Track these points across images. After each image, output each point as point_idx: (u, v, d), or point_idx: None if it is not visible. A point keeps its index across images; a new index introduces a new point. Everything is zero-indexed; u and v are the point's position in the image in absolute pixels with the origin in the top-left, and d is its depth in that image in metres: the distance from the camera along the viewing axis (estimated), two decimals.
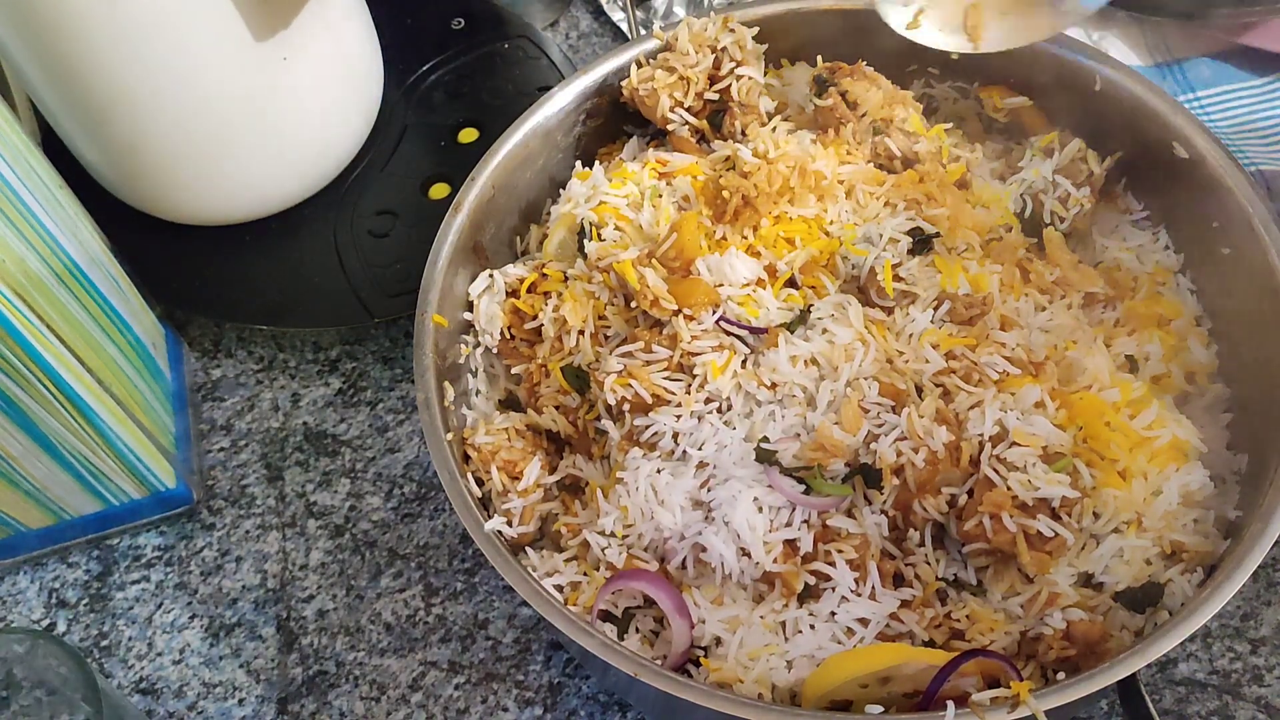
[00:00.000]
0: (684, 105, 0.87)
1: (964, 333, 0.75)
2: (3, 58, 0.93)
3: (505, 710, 0.83)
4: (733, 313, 0.76)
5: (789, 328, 0.77)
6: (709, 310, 0.76)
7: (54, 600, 0.90)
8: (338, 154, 1.01)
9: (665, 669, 0.66)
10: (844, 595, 0.69)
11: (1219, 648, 0.82)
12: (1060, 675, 0.66)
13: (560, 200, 0.88)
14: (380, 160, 1.04)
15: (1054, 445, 0.69)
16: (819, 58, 0.89)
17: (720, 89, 0.87)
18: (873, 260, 0.77)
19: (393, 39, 1.06)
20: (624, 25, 1.19)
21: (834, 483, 0.71)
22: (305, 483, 0.94)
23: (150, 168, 0.94)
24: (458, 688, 0.84)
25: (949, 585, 0.72)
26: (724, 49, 0.87)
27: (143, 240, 0.98)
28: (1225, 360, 0.80)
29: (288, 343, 1.02)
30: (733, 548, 0.70)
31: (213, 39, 0.86)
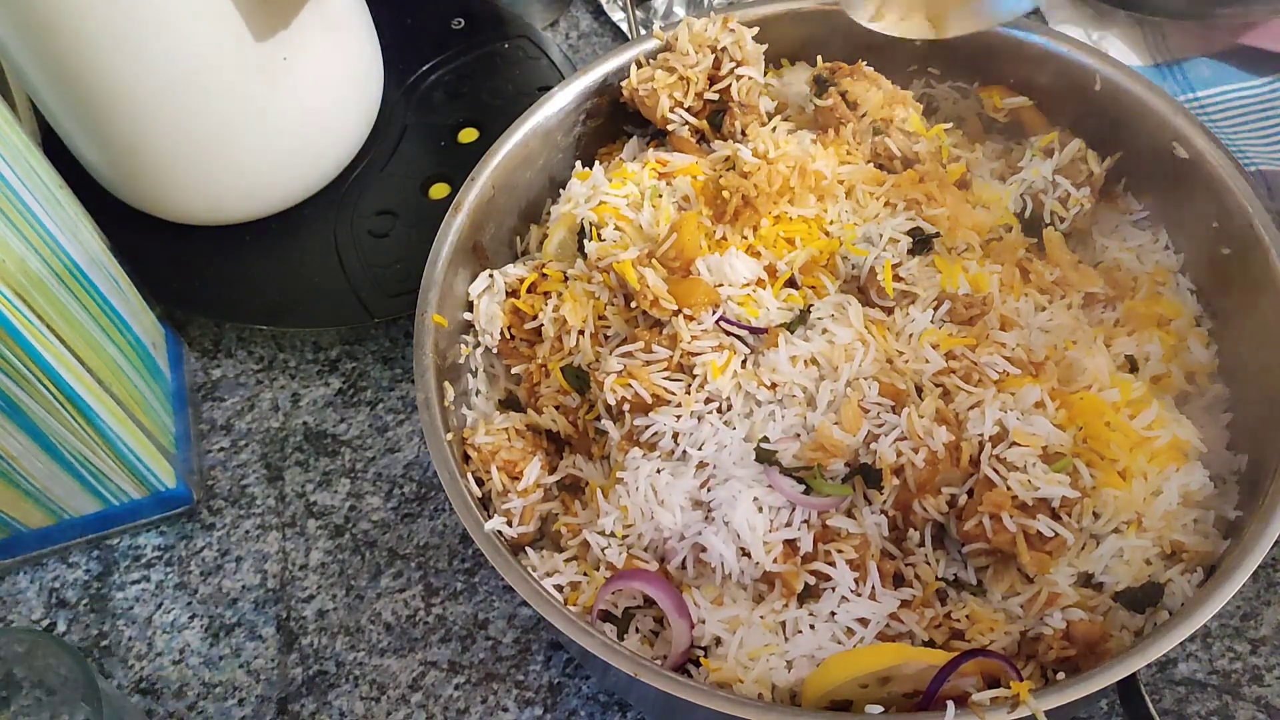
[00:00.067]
0: (684, 105, 0.87)
1: (964, 333, 0.75)
2: (3, 58, 0.93)
3: (505, 710, 0.83)
4: (733, 313, 0.76)
5: (789, 328, 0.77)
6: (709, 310, 0.76)
7: (54, 600, 0.90)
8: (338, 154, 1.01)
9: (665, 669, 0.66)
10: (844, 595, 0.69)
11: (1219, 648, 0.82)
12: (1060, 675, 0.66)
13: (560, 200, 0.88)
14: (380, 160, 1.04)
15: (1054, 445, 0.69)
16: (819, 58, 0.89)
17: (720, 89, 0.87)
18: (873, 260, 0.77)
19: (393, 39, 1.06)
20: (624, 25, 1.19)
21: (834, 483, 0.71)
22: (305, 483, 0.94)
23: (150, 168, 0.94)
24: (458, 688, 0.84)
25: (949, 585, 0.72)
26: (724, 49, 0.87)
27: (143, 240, 0.98)
28: (1225, 360, 0.80)
29: (288, 343, 1.02)
30: (733, 548, 0.70)
31: (213, 39, 0.86)
